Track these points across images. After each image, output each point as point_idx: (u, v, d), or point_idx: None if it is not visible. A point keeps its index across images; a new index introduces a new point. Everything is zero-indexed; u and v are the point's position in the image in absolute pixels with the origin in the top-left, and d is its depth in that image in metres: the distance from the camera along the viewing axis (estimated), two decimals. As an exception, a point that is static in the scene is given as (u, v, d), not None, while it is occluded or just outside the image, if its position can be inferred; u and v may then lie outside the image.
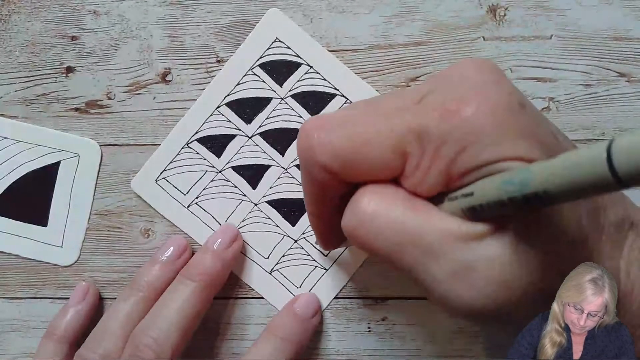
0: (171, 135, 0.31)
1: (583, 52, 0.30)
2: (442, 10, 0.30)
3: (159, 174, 0.31)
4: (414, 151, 0.19)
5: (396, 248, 0.19)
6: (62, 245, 0.32)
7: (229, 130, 0.31)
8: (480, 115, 0.18)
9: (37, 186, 0.31)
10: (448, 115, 0.18)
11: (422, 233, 0.19)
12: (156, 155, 0.31)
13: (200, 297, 0.28)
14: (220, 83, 0.30)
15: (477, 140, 0.18)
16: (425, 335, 0.31)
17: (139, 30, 0.31)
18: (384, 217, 0.19)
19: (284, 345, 0.28)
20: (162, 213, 0.31)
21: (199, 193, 0.31)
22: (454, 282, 0.18)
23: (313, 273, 0.31)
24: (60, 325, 0.30)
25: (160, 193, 0.31)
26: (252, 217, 0.31)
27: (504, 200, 0.16)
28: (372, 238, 0.19)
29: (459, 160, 0.18)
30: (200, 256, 0.29)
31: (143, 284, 0.29)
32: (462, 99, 0.18)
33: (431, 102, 0.19)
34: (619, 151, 0.13)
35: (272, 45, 0.30)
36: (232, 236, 0.30)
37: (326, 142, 0.20)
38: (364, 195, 0.20)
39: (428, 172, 0.19)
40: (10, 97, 0.31)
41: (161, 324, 0.27)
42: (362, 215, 0.19)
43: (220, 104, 0.30)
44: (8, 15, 0.31)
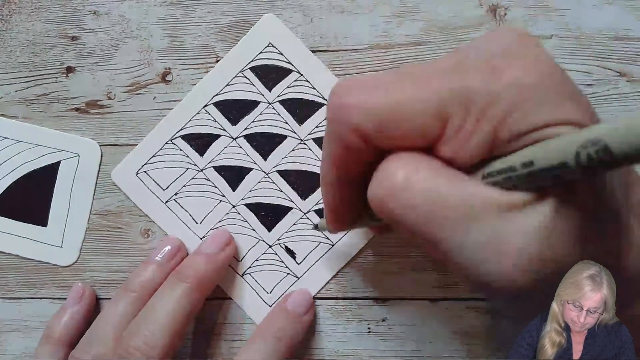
0: (156, 129, 0.31)
1: (583, 52, 0.30)
2: (442, 10, 0.30)
3: (140, 167, 0.31)
4: (456, 113, 0.18)
5: (427, 218, 0.18)
6: (62, 245, 0.32)
7: (214, 130, 0.31)
8: (530, 76, 0.17)
9: (37, 186, 0.31)
10: (495, 74, 0.17)
11: (457, 201, 0.17)
12: (139, 148, 0.31)
13: (190, 298, 0.28)
14: (209, 82, 0.31)
15: (527, 102, 0.17)
16: (425, 335, 0.31)
17: (139, 30, 0.31)
18: (416, 186, 0.18)
19: (276, 344, 0.28)
20: (139, 207, 0.31)
21: (178, 190, 0.31)
22: (488, 252, 0.17)
23: (285, 280, 0.31)
24: (56, 327, 0.30)
25: (139, 186, 0.31)
26: (228, 218, 0.31)
27: (570, 163, 0.15)
28: (402, 209, 0.18)
29: (507, 123, 0.17)
30: (192, 258, 0.29)
31: (136, 285, 0.29)
32: (508, 61, 0.17)
33: (473, 63, 0.18)
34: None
35: (265, 50, 0.30)
36: (226, 240, 0.30)
37: (363, 101, 0.18)
38: (394, 162, 0.18)
39: (471, 136, 0.18)
40: (10, 97, 0.31)
41: (150, 325, 0.27)
42: (392, 184, 0.18)
43: (208, 102, 0.30)
44: (9, 15, 0.31)
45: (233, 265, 0.31)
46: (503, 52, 0.18)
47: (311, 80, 0.30)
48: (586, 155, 0.15)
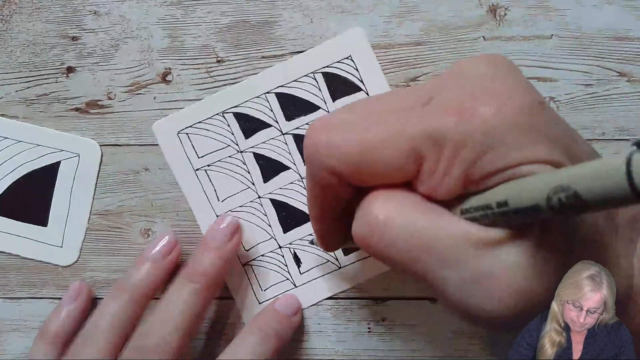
0: (211, 98, 0.31)
1: (583, 52, 0.30)
2: (442, 10, 0.30)
3: (184, 128, 0.31)
4: (430, 155, 0.18)
5: (411, 255, 0.18)
6: (62, 245, 0.32)
7: (266, 118, 0.30)
8: (502, 116, 0.17)
9: (37, 186, 0.31)
10: (466, 116, 0.17)
11: (438, 239, 0.18)
12: (189, 110, 0.31)
13: (201, 298, 0.28)
14: (279, 71, 0.30)
15: (498, 143, 0.17)
16: (425, 335, 0.31)
17: (139, 30, 0.31)
18: (397, 223, 0.18)
19: (265, 339, 0.28)
20: (169, 164, 0.31)
21: (212, 162, 0.31)
22: (472, 289, 0.17)
23: (282, 284, 0.31)
24: (52, 325, 0.30)
25: (176, 145, 0.31)
26: (250, 207, 0.31)
27: (542, 206, 0.15)
28: (386, 246, 0.19)
29: (480, 164, 0.17)
30: (200, 255, 0.29)
31: (132, 283, 0.29)
32: (481, 99, 0.17)
33: (444, 102, 0.18)
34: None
35: (343, 60, 0.30)
36: (233, 229, 0.29)
37: (335, 144, 0.19)
38: (375, 200, 0.19)
39: (446, 176, 0.18)
40: (10, 97, 0.32)
41: (164, 326, 0.27)
42: (374, 222, 0.19)
43: (270, 90, 0.30)
44: (9, 15, 0.31)
45: (239, 252, 0.31)
46: (475, 88, 0.18)
47: None
48: (557, 200, 0.15)
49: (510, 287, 0.17)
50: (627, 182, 0.13)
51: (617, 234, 0.19)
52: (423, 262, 0.18)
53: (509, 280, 0.17)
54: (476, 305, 0.18)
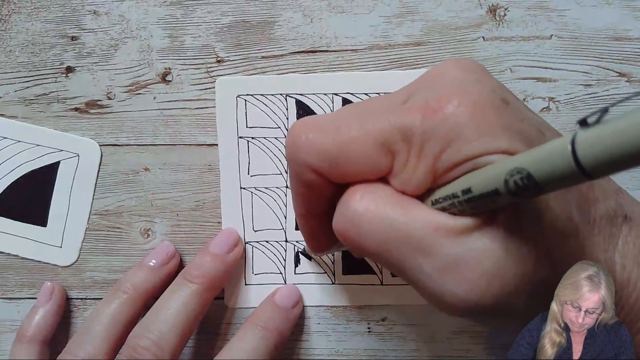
0: (283, 77, 0.31)
1: (583, 52, 0.30)
2: (442, 10, 0.30)
3: (246, 93, 0.31)
4: (400, 150, 0.19)
5: (386, 246, 0.19)
6: (62, 245, 0.32)
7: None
8: (462, 112, 0.18)
9: (37, 186, 0.31)
10: (430, 113, 0.19)
11: (411, 230, 0.19)
12: (257, 78, 0.31)
13: (199, 299, 0.28)
14: (356, 79, 0.30)
15: (459, 136, 0.18)
16: (425, 335, 0.31)
17: (139, 30, 0.31)
18: (374, 216, 0.19)
19: (265, 333, 0.28)
20: (217, 119, 0.31)
21: (256, 136, 0.31)
22: (446, 277, 0.18)
23: (272, 276, 0.31)
24: (29, 326, 0.30)
25: (230, 105, 0.31)
26: (274, 192, 0.31)
27: (501, 189, 0.16)
28: (363, 238, 0.20)
29: (444, 156, 0.18)
30: (200, 258, 0.29)
31: (128, 286, 0.29)
32: (444, 97, 0.19)
33: (415, 102, 0.19)
34: (582, 147, 0.14)
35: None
36: (234, 240, 0.30)
37: (312, 142, 0.20)
38: (353, 194, 0.20)
39: (415, 170, 0.19)
40: (10, 97, 0.31)
41: (160, 325, 0.27)
42: (352, 215, 0.20)
43: (339, 92, 0.30)
44: (8, 15, 0.31)
45: (245, 228, 0.31)
46: (443, 88, 0.19)
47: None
48: (514, 183, 0.16)
49: (480, 272, 0.18)
50: (573, 160, 0.14)
51: (594, 229, 0.20)
52: (398, 253, 0.19)
53: (479, 266, 0.18)
54: (450, 292, 0.19)
